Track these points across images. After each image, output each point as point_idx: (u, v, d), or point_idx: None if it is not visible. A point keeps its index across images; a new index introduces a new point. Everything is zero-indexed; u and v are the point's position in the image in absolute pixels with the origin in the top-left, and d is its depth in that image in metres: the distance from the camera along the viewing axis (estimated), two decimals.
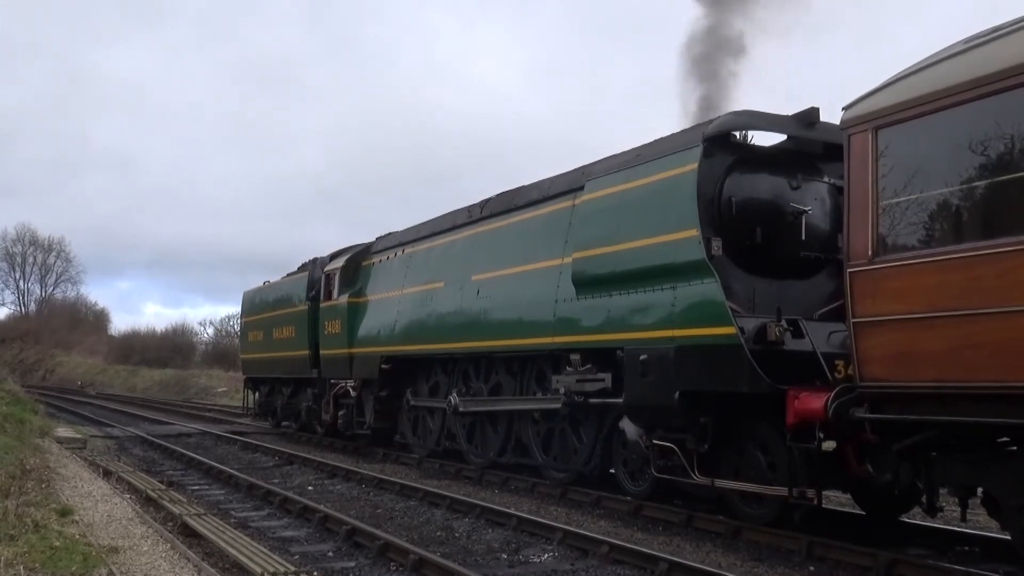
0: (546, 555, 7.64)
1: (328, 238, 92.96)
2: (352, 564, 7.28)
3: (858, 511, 8.88)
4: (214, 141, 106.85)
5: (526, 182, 12.15)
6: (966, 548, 7.44)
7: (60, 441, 16.31)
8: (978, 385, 5.76)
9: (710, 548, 7.80)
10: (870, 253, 6.47)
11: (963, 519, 6.70)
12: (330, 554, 7.69)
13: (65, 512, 8.41)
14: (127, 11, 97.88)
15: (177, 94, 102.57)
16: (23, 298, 72.46)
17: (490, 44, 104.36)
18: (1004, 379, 5.58)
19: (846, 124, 6.82)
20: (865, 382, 6.53)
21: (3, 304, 71.84)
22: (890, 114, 6.46)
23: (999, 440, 6.25)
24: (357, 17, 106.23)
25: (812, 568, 7.08)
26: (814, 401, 7.13)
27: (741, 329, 7.77)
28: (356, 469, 12.87)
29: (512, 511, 9.16)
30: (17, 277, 71.86)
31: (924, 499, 6.89)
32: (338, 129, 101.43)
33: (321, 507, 9.37)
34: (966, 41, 6.25)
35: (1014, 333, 5.50)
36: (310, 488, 11.75)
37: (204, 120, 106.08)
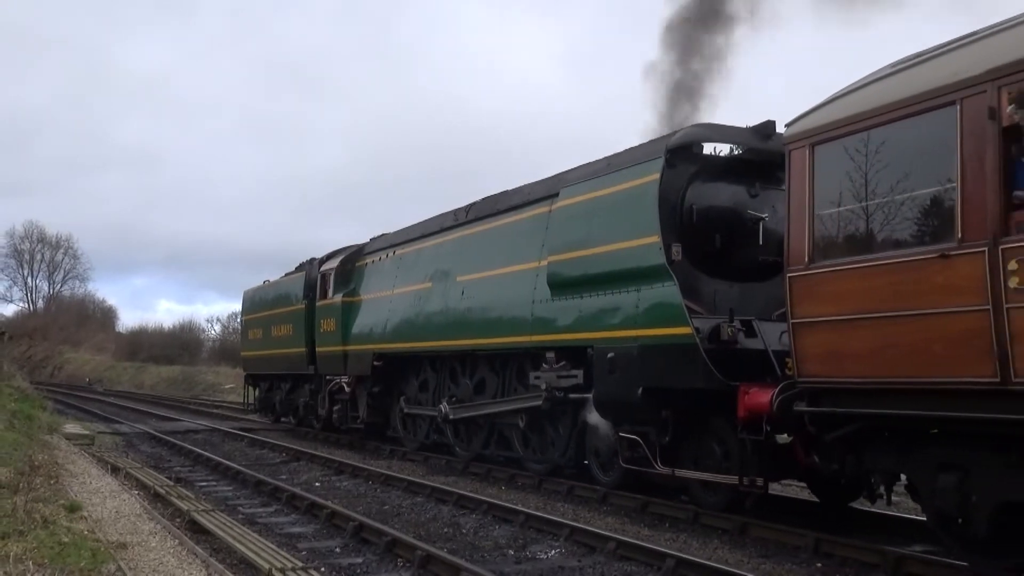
0: (553, 551, 7.67)
1: (346, 235, 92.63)
2: (360, 560, 7.32)
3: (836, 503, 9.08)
4: (236, 137, 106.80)
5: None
6: None
7: (68, 437, 16.37)
8: (898, 381, 6.31)
9: (717, 544, 7.85)
10: (806, 259, 7.02)
11: (888, 503, 7.26)
12: (337, 550, 7.72)
13: (73, 508, 8.46)
14: (159, 3, 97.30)
15: (202, 90, 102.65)
16: (31, 295, 73.41)
17: (526, 35, 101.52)
18: (920, 375, 6.14)
19: (787, 140, 7.37)
20: (803, 378, 7.09)
21: (11, 301, 72.75)
22: (824, 132, 7.00)
23: (932, 431, 6.80)
24: (389, 11, 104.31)
25: (820, 564, 7.09)
26: (762, 396, 7.70)
27: (697, 329, 8.34)
28: (363, 466, 12.99)
29: (519, 507, 9.23)
30: (25, 274, 72.82)
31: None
32: (365, 126, 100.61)
33: (328, 503, 9.45)
34: (892, 65, 6.78)
35: (927, 334, 6.05)
36: (317, 484, 11.83)
37: (228, 116, 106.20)
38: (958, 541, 6.37)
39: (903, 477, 6.96)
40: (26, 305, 73.07)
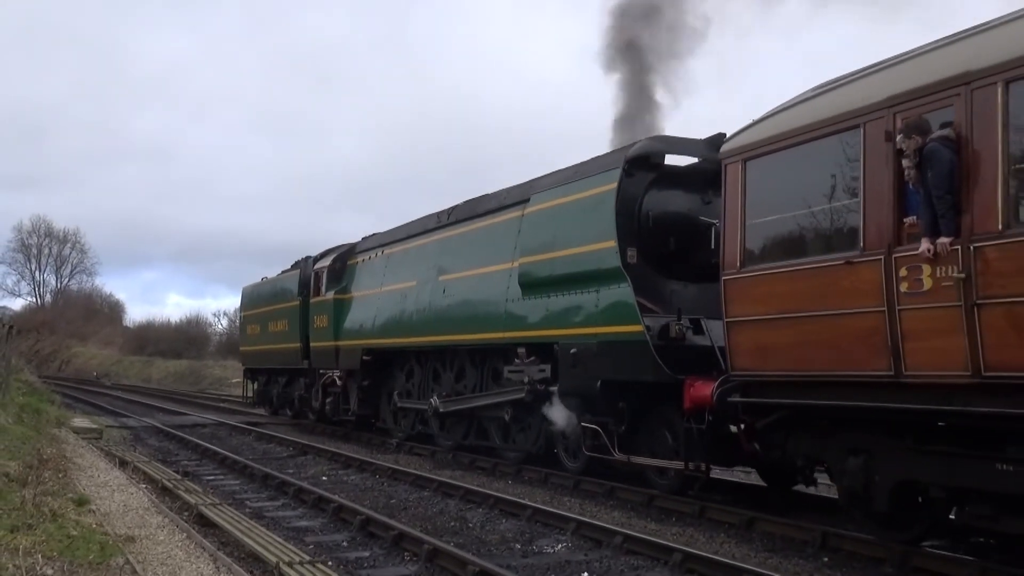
0: (560, 545, 7.72)
1: (359, 230, 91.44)
2: (367, 554, 7.40)
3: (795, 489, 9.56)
4: (250, 131, 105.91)
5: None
6: (980, 540, 7.23)
7: (76, 431, 16.57)
8: (814, 374, 7.04)
9: (724, 539, 7.90)
10: (738, 264, 7.75)
11: (812, 484, 7.97)
12: (345, 544, 7.82)
13: (82, 501, 8.53)
14: None
15: (216, 84, 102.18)
16: (39, 289, 74.21)
17: (542, 31, 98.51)
18: (830, 369, 6.86)
19: (723, 156, 8.08)
20: (735, 371, 7.82)
21: (19, 295, 73.59)
22: (755, 148, 7.71)
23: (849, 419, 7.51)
24: (405, 6, 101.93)
25: (826, 559, 7.13)
26: (704, 389, 8.43)
27: (647, 327, 9.07)
28: (370, 460, 13.08)
29: (526, 501, 9.30)
30: (33, 268, 73.65)
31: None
32: (380, 120, 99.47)
33: (335, 497, 9.50)
34: (814, 88, 7.48)
35: (836, 332, 6.77)
36: (324, 478, 11.93)
37: (242, 110, 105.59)
38: (865, 517, 7.11)
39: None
40: (34, 299, 73.98)
